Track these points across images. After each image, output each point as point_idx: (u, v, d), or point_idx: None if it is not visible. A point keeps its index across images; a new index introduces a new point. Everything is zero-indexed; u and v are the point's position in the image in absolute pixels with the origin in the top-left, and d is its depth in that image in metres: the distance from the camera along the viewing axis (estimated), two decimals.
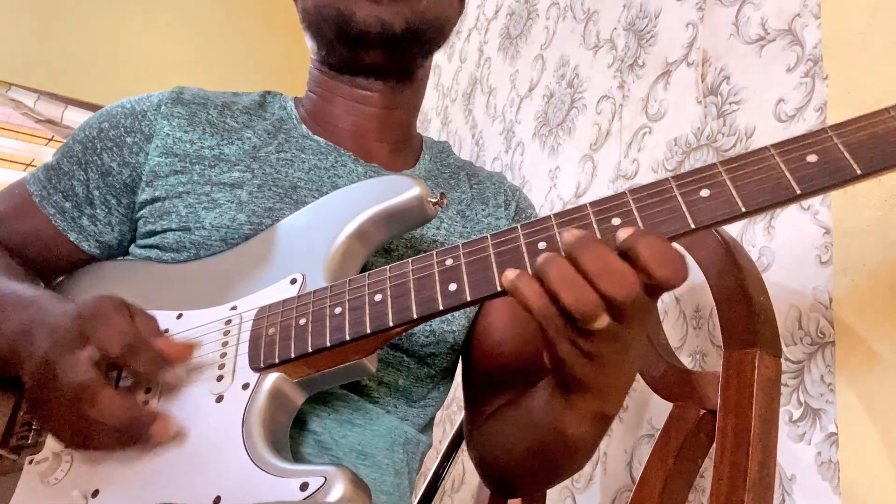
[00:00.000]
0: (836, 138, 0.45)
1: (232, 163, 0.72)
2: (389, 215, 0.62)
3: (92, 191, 0.73)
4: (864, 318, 0.72)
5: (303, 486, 0.49)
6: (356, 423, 0.67)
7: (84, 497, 0.54)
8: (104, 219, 0.74)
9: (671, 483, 0.73)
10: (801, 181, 0.45)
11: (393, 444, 0.70)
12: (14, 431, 0.62)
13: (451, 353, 0.77)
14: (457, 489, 1.48)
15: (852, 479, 0.70)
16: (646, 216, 0.47)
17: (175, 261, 0.69)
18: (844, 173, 0.44)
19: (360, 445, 0.67)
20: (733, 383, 0.68)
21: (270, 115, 0.80)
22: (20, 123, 3.11)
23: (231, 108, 0.78)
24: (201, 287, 0.65)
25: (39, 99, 2.88)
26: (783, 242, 0.83)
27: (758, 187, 0.45)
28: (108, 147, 0.73)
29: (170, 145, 0.72)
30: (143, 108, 0.74)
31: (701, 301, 0.94)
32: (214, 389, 0.57)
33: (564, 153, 1.36)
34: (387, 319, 0.53)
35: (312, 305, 0.57)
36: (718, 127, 0.97)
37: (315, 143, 0.77)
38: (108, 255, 0.76)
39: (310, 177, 0.74)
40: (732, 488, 0.64)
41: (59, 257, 0.74)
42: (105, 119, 0.75)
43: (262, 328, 0.58)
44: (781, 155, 0.46)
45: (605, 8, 1.33)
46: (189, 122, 0.74)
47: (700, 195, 0.46)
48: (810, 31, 0.86)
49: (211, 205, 0.69)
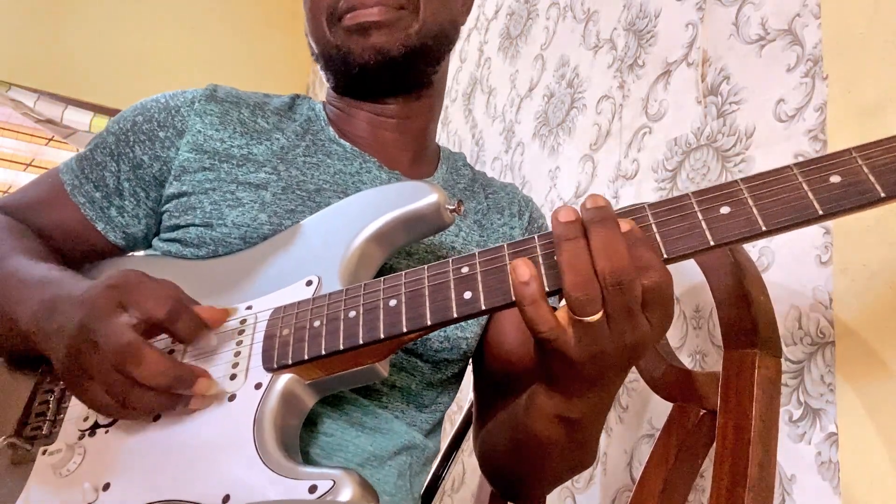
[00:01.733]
0: (860, 160, 0.45)
1: (259, 163, 0.73)
2: (407, 220, 0.62)
3: (122, 182, 0.74)
4: (864, 318, 0.72)
5: (311, 489, 0.49)
6: (366, 427, 0.68)
7: (95, 490, 0.54)
8: (132, 210, 0.75)
9: (671, 483, 0.73)
10: (823, 202, 0.44)
11: (401, 448, 0.71)
12: (29, 421, 0.62)
13: (462, 360, 0.78)
14: (457, 489, 1.48)
15: (852, 479, 0.70)
16: (664, 231, 0.47)
17: (194, 256, 0.70)
18: (868, 196, 0.44)
19: (372, 448, 0.68)
20: (733, 383, 0.68)
21: (299, 117, 0.81)
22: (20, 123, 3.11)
23: (263, 108, 0.79)
24: (218, 285, 0.65)
25: (39, 99, 2.87)
26: (783, 242, 0.83)
27: (779, 207, 0.45)
28: (141, 140, 0.74)
29: (200, 142, 0.73)
30: (177, 104, 0.76)
31: (701, 301, 0.94)
32: (227, 388, 0.57)
33: (564, 153, 1.36)
34: (401, 325, 0.53)
35: (327, 308, 0.57)
36: (718, 127, 0.97)
37: (341, 149, 0.78)
38: (132, 248, 0.77)
39: (335, 180, 0.75)
40: (732, 488, 0.64)
41: (86, 247, 0.75)
42: (139, 112, 0.76)
43: (277, 329, 0.58)
44: (804, 175, 0.45)
45: (605, 8, 1.33)
46: (221, 121, 0.75)
47: (720, 212, 0.46)
48: (810, 31, 0.86)
49: (235, 203, 0.70)
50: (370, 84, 0.76)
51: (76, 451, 0.57)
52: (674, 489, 0.73)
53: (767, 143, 0.88)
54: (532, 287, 0.47)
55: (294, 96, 0.85)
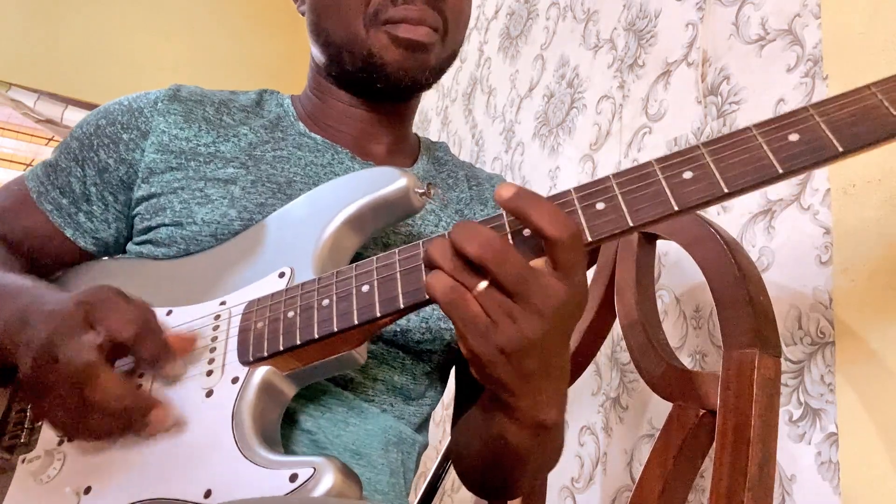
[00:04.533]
0: (817, 116, 0.45)
1: (227, 159, 0.72)
2: (377, 206, 0.62)
3: (89, 187, 0.74)
4: (864, 318, 0.72)
5: (292, 478, 0.49)
6: (351, 423, 0.67)
7: (76, 494, 0.54)
8: (101, 215, 0.74)
9: (671, 483, 0.73)
10: (783, 161, 0.45)
11: (388, 443, 0.70)
12: (6, 431, 0.62)
13: (447, 351, 0.77)
14: (457, 489, 1.48)
15: (852, 479, 0.70)
16: (630, 200, 0.47)
17: (166, 256, 0.69)
18: (826, 151, 0.44)
19: (355, 445, 0.67)
20: (733, 383, 0.68)
21: (268, 113, 0.80)
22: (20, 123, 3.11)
23: (228, 105, 0.78)
24: (191, 283, 0.65)
25: (39, 99, 2.87)
26: (783, 242, 0.83)
27: (741, 168, 0.45)
28: (105, 144, 0.73)
29: (166, 142, 0.73)
30: (140, 105, 0.75)
31: (701, 301, 0.94)
32: (204, 384, 0.57)
33: (564, 153, 1.36)
34: (374, 310, 0.53)
35: (300, 298, 0.56)
36: (718, 127, 0.97)
37: (312, 141, 0.77)
38: (104, 253, 0.76)
39: (306, 172, 0.74)
40: (732, 488, 0.63)
41: (56, 254, 0.75)
42: (102, 116, 0.76)
43: (251, 322, 0.58)
44: (764, 135, 0.46)
45: (605, 8, 1.33)
46: (185, 119, 0.74)
47: (683, 178, 0.46)
48: (810, 31, 0.86)
49: (204, 200, 0.69)
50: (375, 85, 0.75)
51: (55, 456, 0.57)
52: (674, 489, 0.73)
53: None
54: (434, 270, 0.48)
55: (262, 91, 0.83)
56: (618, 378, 1.08)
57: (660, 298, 1.00)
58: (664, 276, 1.01)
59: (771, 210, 0.86)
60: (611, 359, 1.10)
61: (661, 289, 1.01)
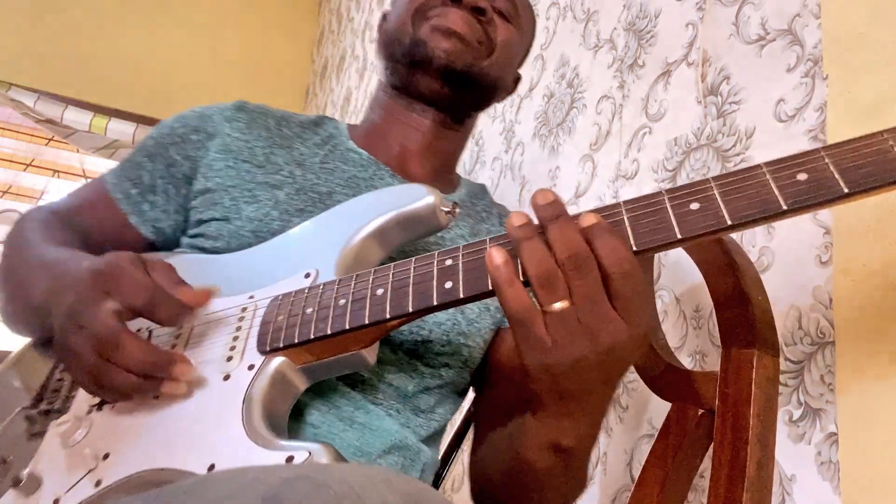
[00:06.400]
0: (827, 158, 0.46)
1: (278, 166, 0.79)
2: (403, 221, 0.66)
3: (156, 179, 0.82)
4: (864, 318, 0.72)
5: (288, 459, 0.51)
6: (356, 421, 0.68)
7: (95, 458, 0.59)
8: (162, 206, 0.82)
9: (670, 483, 0.73)
10: (788, 197, 0.46)
11: (390, 446, 0.70)
12: (45, 397, 0.68)
13: (463, 369, 0.78)
14: (457, 489, 1.48)
15: (852, 479, 0.70)
16: (635, 226, 0.49)
17: (213, 248, 0.75)
18: (831, 191, 0.45)
19: (358, 442, 0.68)
20: (732, 383, 0.68)
21: (322, 132, 0.87)
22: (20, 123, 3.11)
23: (288, 120, 0.87)
24: (227, 277, 0.70)
25: (39, 99, 2.87)
26: (783, 242, 0.83)
27: (745, 202, 0.47)
28: (175, 142, 0.82)
29: (228, 143, 0.80)
30: (210, 112, 0.84)
31: (701, 301, 0.94)
32: (223, 369, 0.61)
33: (564, 153, 1.36)
34: (384, 312, 0.56)
35: (320, 296, 0.61)
36: (718, 127, 0.97)
37: (357, 156, 0.83)
38: (162, 243, 0.83)
39: (347, 184, 0.80)
40: (731, 488, 0.64)
41: (121, 242, 0.81)
42: (176, 120, 0.84)
43: (273, 315, 0.62)
44: (773, 172, 0.47)
45: (605, 8, 1.33)
46: (248, 127, 0.82)
47: (690, 208, 0.48)
48: (810, 31, 0.86)
49: (251, 199, 0.76)
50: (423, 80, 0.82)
51: (83, 423, 0.62)
52: (673, 489, 0.73)
53: (767, 143, 0.88)
54: (505, 269, 0.49)
55: (321, 116, 0.91)
56: None
57: (660, 298, 1.00)
58: (664, 276, 1.01)
59: None
60: None
61: (661, 289, 1.01)
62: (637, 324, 0.48)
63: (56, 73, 2.97)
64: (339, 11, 3.30)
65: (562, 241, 0.47)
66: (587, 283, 0.47)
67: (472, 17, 0.81)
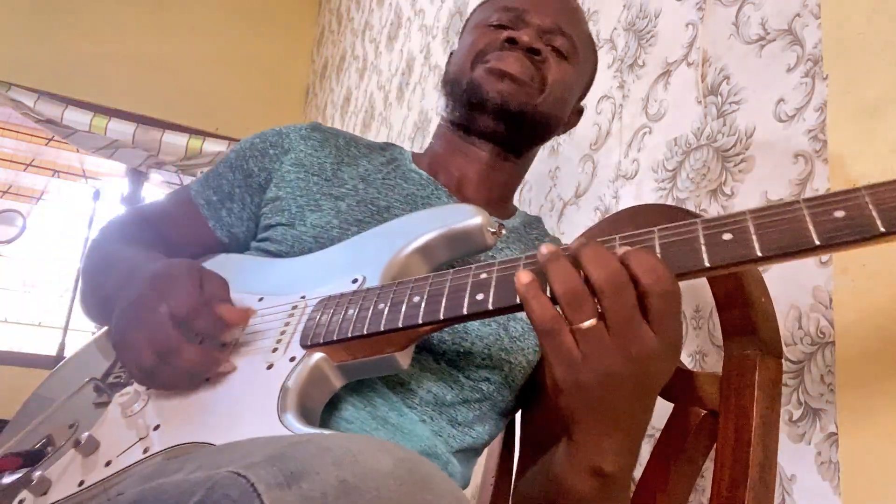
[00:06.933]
0: (867, 196, 0.46)
1: (344, 181, 0.85)
2: (450, 238, 0.70)
3: (235, 188, 0.89)
4: (864, 318, 0.72)
5: None
6: (389, 422, 0.71)
7: (147, 428, 0.65)
8: (238, 212, 0.89)
9: (671, 483, 0.73)
10: (821, 234, 0.46)
11: (420, 452, 0.71)
12: (113, 372, 0.77)
13: (504, 386, 0.80)
14: None
15: (852, 479, 0.70)
16: (666, 251, 0.51)
17: (277, 251, 0.81)
18: (867, 230, 0.45)
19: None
20: (734, 384, 0.68)
21: (388, 155, 0.93)
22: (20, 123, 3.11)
23: (357, 141, 0.93)
24: (285, 278, 0.76)
25: (39, 99, 2.87)
26: None
27: (778, 235, 0.47)
28: (254, 155, 0.89)
29: (301, 158, 0.87)
30: (287, 131, 0.90)
31: (701, 301, 0.94)
32: (268, 358, 0.66)
33: (564, 153, 1.36)
34: (417, 318, 0.60)
35: (363, 300, 0.65)
36: (718, 127, 0.97)
37: (418, 176, 0.89)
38: (234, 246, 0.90)
39: (406, 201, 0.85)
40: (732, 488, 0.64)
41: (198, 243, 0.90)
42: (257, 136, 0.92)
43: (319, 314, 0.67)
44: (810, 208, 0.47)
45: (605, 8, 1.33)
46: (321, 145, 0.89)
47: (722, 238, 0.49)
48: (810, 31, 0.86)
49: (315, 208, 0.82)
50: (479, 119, 0.87)
51: (141, 397, 0.68)
52: (674, 489, 0.73)
53: (767, 143, 0.88)
54: (532, 284, 0.51)
55: (388, 142, 0.98)
56: None
57: None
58: None
59: None
60: None
61: None
62: (670, 338, 0.49)
63: (56, 73, 2.97)
64: (339, 11, 3.29)
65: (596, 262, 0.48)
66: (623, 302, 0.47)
67: (527, 58, 0.85)
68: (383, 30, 2.74)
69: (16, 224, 3.28)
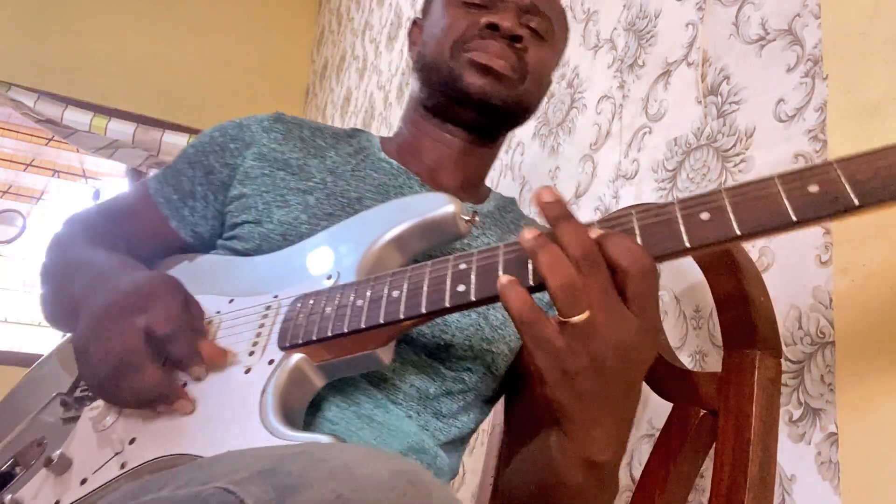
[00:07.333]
0: (840, 170, 0.46)
1: (311, 174, 0.82)
2: (423, 228, 0.68)
3: (196, 186, 0.85)
4: (864, 318, 0.72)
5: None
6: (375, 420, 0.69)
7: (122, 442, 0.62)
8: (201, 211, 0.85)
9: (671, 483, 0.73)
10: (797, 209, 0.46)
11: (408, 448, 0.71)
12: (80, 385, 0.73)
13: (487, 375, 0.79)
14: (457, 489, 1.48)
15: (852, 479, 0.70)
16: (645, 234, 0.50)
17: (245, 250, 0.78)
18: (842, 203, 0.45)
19: (375, 441, 0.68)
20: (734, 384, 0.68)
21: (356, 143, 0.89)
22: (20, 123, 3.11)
23: (323, 131, 0.89)
24: (255, 278, 0.74)
25: (39, 99, 2.87)
26: (783, 242, 0.83)
27: (755, 213, 0.47)
28: (215, 150, 0.85)
29: (264, 153, 0.83)
30: (248, 123, 0.86)
31: (701, 301, 0.94)
32: (245, 362, 0.64)
33: (564, 153, 1.36)
34: (398, 312, 0.58)
35: (339, 297, 0.63)
36: (718, 127, 0.97)
37: (388, 166, 0.86)
38: (200, 245, 0.86)
39: (377, 191, 0.82)
40: (732, 488, 0.64)
41: (161, 244, 0.86)
42: (216, 129, 0.87)
43: (295, 313, 0.65)
44: (784, 184, 0.47)
45: (605, 8, 1.33)
46: (284, 137, 0.85)
47: (700, 218, 0.49)
48: (810, 31, 0.86)
49: (283, 204, 0.79)
50: (459, 110, 0.84)
51: (112, 410, 0.65)
52: (674, 489, 0.73)
53: (767, 143, 0.88)
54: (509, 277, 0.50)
55: (355, 129, 0.94)
56: None
57: (660, 298, 1.00)
58: (664, 276, 1.01)
59: None
60: None
61: (661, 289, 1.01)
62: (651, 320, 0.49)
63: (56, 73, 2.97)
64: (339, 11, 3.29)
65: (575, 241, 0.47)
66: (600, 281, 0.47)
67: (510, 47, 0.83)
68: (383, 30, 2.74)
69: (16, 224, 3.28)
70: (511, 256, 0.54)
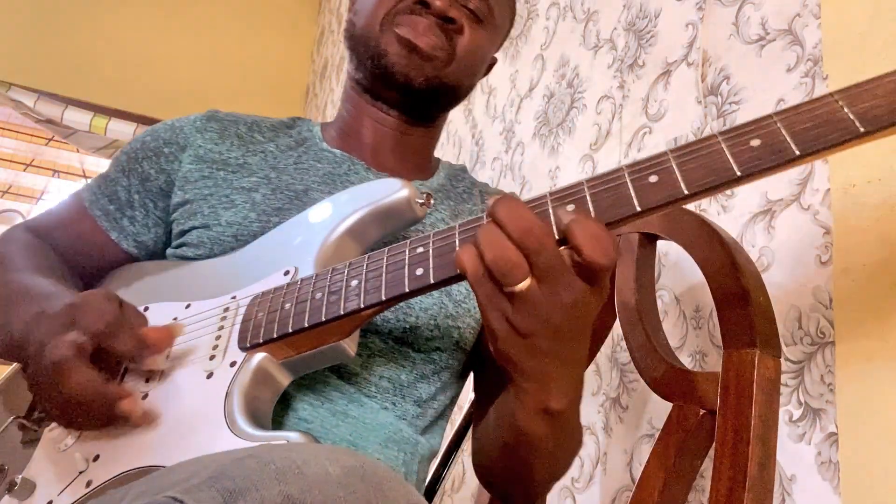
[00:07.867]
0: (779, 123, 0.47)
1: (252, 170, 0.80)
2: (378, 215, 0.67)
3: (133, 195, 0.82)
4: (864, 318, 0.72)
5: None
6: (350, 415, 0.69)
7: (86, 461, 0.60)
8: (142, 220, 0.82)
9: (671, 483, 0.73)
10: (741, 164, 0.47)
11: (387, 440, 0.70)
12: (36, 407, 0.70)
13: (456, 351, 0.78)
14: (457, 489, 1.48)
15: (852, 479, 0.70)
16: (597, 202, 0.50)
17: (196, 256, 0.76)
18: (783, 155, 0.46)
19: (352, 437, 0.68)
20: (733, 383, 0.68)
21: (296, 134, 0.87)
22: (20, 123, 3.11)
23: (259, 125, 0.87)
24: (210, 281, 0.72)
25: (39, 99, 2.87)
26: (783, 242, 0.83)
27: (701, 171, 0.48)
28: (148, 156, 0.82)
29: (201, 154, 0.81)
30: (181, 125, 0.84)
31: (701, 301, 0.94)
32: (206, 367, 0.62)
33: (564, 153, 1.36)
34: (359, 302, 0.57)
35: (298, 292, 0.62)
36: (718, 127, 0.97)
37: (331, 154, 0.84)
38: (145, 256, 0.83)
39: (323, 181, 0.80)
40: (732, 488, 0.63)
41: (104, 257, 0.83)
42: (148, 134, 0.85)
43: (253, 313, 0.64)
44: (727, 140, 0.48)
45: (605, 8, 1.33)
46: (220, 136, 0.83)
47: (649, 181, 0.49)
48: (810, 31, 0.86)
49: (229, 205, 0.77)
50: (383, 90, 0.82)
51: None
52: (674, 489, 0.73)
53: None
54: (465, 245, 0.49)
55: (294, 118, 0.91)
56: (618, 378, 1.08)
57: (660, 298, 1.00)
58: (664, 276, 1.01)
59: (771, 210, 0.86)
60: (611, 359, 1.10)
61: (661, 289, 1.01)
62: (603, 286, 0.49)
63: (56, 73, 2.97)
64: (339, 11, 3.29)
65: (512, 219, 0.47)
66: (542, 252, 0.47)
67: (440, 27, 0.79)
68: None
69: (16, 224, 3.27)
70: (466, 237, 0.54)
